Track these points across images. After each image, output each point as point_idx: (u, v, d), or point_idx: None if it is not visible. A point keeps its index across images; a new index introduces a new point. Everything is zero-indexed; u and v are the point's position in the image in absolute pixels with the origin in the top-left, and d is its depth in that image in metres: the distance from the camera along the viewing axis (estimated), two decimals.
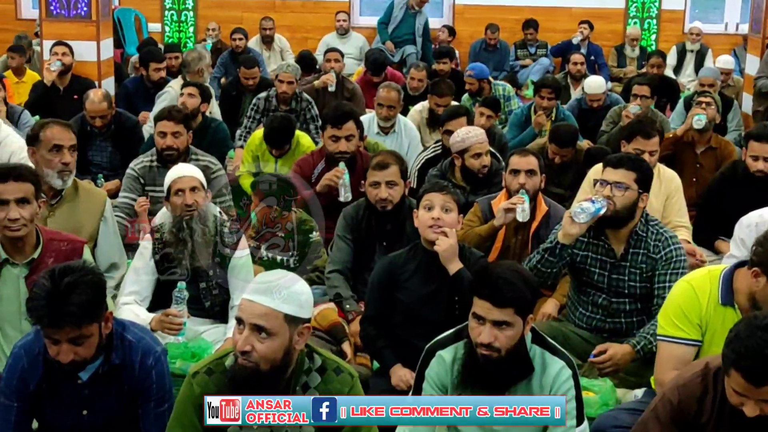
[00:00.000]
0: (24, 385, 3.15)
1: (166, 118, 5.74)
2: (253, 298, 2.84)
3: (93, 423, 3.20)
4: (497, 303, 3.07)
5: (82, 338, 3.00)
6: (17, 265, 3.96)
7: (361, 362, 4.37)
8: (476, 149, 5.58)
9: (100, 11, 8.95)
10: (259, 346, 2.81)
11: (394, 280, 4.09)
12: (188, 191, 4.44)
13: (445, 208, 4.02)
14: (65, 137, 4.79)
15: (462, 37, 12.72)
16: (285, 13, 12.61)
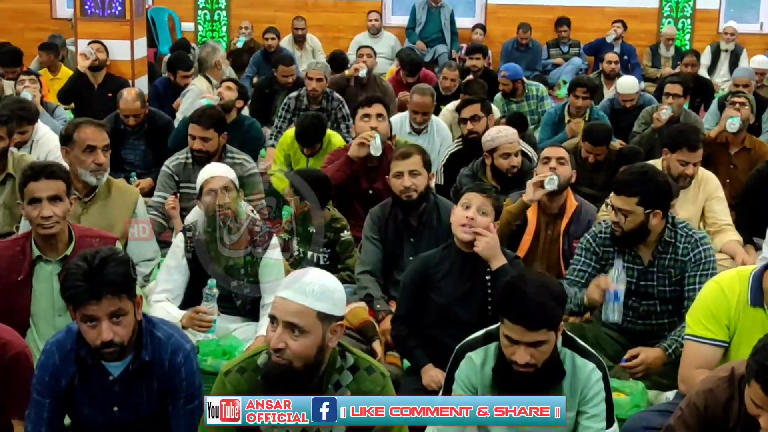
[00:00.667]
0: (56, 382, 3.17)
1: (196, 122, 5.76)
2: (286, 295, 2.84)
3: (124, 419, 3.22)
4: (530, 327, 3.04)
5: (121, 313, 3.02)
6: (50, 262, 4.01)
7: (391, 361, 4.37)
8: (505, 149, 5.56)
9: (134, 10, 9.02)
10: (292, 344, 2.82)
11: (427, 279, 4.08)
12: (220, 191, 4.46)
13: (481, 210, 4.00)
14: (98, 138, 4.83)
15: (494, 36, 12.70)
16: (317, 13, 12.64)
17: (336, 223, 5.20)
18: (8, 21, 12.74)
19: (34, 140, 6.37)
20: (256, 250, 4.51)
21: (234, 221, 4.47)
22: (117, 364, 3.17)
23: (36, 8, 12.93)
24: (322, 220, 5.04)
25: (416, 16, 12.51)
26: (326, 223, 5.17)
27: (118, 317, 3.02)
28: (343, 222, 5.23)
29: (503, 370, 3.17)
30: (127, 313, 3.05)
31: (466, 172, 5.81)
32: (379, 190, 5.70)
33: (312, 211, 5.00)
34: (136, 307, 3.12)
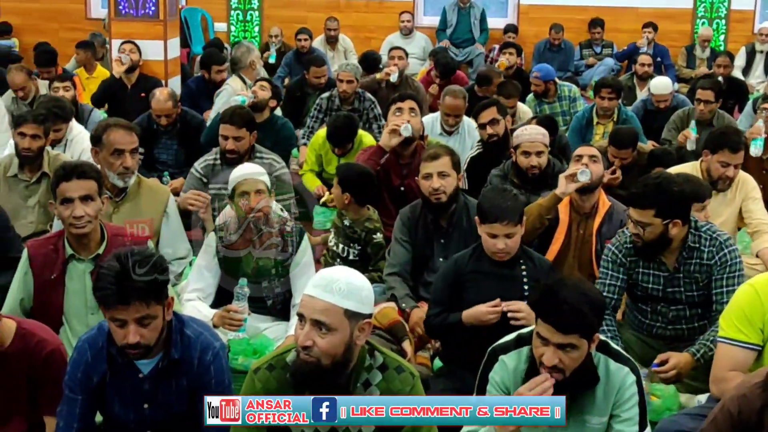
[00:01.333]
0: (88, 379, 3.20)
1: (228, 121, 5.78)
2: (313, 293, 2.85)
3: (155, 417, 3.24)
4: (562, 329, 3.03)
5: (149, 318, 3.04)
6: (83, 261, 4.04)
7: (421, 362, 4.37)
8: (525, 147, 5.52)
9: (167, 11, 9.09)
10: (319, 341, 2.82)
11: (460, 280, 4.08)
12: (253, 194, 4.48)
13: (508, 236, 3.98)
14: (127, 141, 4.86)
15: (526, 36, 12.66)
16: (349, 13, 12.66)
17: (370, 223, 5.20)
18: (43, 21, 12.87)
19: (68, 139, 6.44)
20: (287, 251, 4.53)
21: (265, 223, 4.49)
22: (147, 362, 3.19)
23: (71, 8, 13.05)
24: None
25: (447, 18, 12.52)
26: (361, 221, 5.18)
27: (145, 321, 3.05)
28: (377, 224, 5.23)
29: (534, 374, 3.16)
30: (155, 317, 3.07)
31: (497, 172, 5.79)
32: (410, 187, 5.71)
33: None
34: (167, 308, 3.14)
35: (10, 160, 5.68)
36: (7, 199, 5.51)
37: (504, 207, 3.96)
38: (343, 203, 5.16)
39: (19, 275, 4.08)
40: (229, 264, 4.51)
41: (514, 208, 4.00)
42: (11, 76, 7.76)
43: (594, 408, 3.22)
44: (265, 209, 4.48)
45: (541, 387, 3.05)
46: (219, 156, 5.83)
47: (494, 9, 13.19)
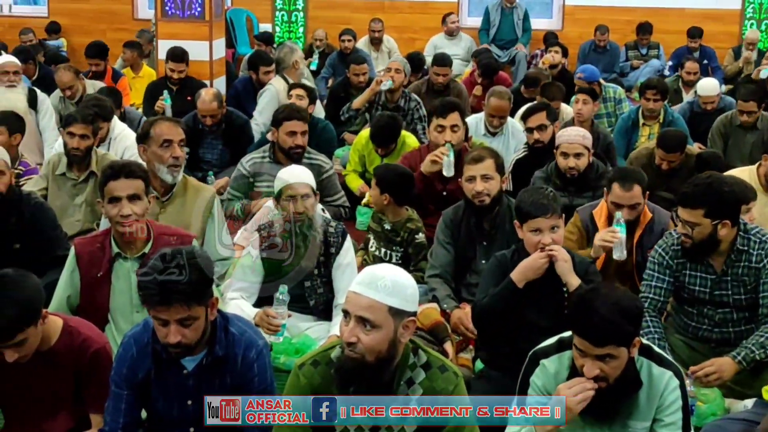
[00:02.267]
0: (133, 374, 3.24)
1: (296, 118, 5.80)
2: (358, 290, 2.86)
3: (198, 413, 3.25)
4: (595, 342, 3.02)
5: (190, 320, 3.07)
6: (129, 259, 4.08)
7: (462, 363, 4.36)
8: (564, 148, 5.52)
9: (213, 12, 9.15)
10: (364, 338, 2.83)
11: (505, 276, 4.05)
12: (299, 198, 4.49)
13: (552, 230, 3.95)
14: (174, 132, 4.90)
15: (571, 38, 12.57)
16: (393, 14, 12.67)
17: (411, 224, 5.20)
18: (91, 22, 13.03)
19: (112, 137, 6.51)
20: (330, 251, 4.54)
21: (309, 228, 4.50)
22: (191, 359, 3.22)
23: (118, 9, 13.20)
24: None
25: (490, 18, 12.48)
26: (402, 222, 5.18)
27: (186, 322, 3.07)
28: (418, 224, 5.22)
29: None
30: (196, 318, 3.09)
31: (540, 174, 5.77)
32: (453, 192, 5.69)
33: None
34: (210, 308, 3.16)
35: (59, 159, 5.75)
36: (55, 197, 5.59)
37: (543, 201, 3.94)
38: (382, 204, 5.16)
39: (66, 273, 4.13)
40: (272, 264, 4.53)
41: (553, 201, 3.98)
42: (59, 75, 7.87)
43: (637, 413, 3.19)
44: (309, 213, 4.49)
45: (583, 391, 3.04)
46: (268, 153, 5.85)
47: (538, 10, 13.14)
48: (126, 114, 7.48)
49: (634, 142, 7.56)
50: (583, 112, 7.05)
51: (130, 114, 7.57)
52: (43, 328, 3.28)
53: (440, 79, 8.75)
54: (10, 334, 3.14)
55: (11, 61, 7.51)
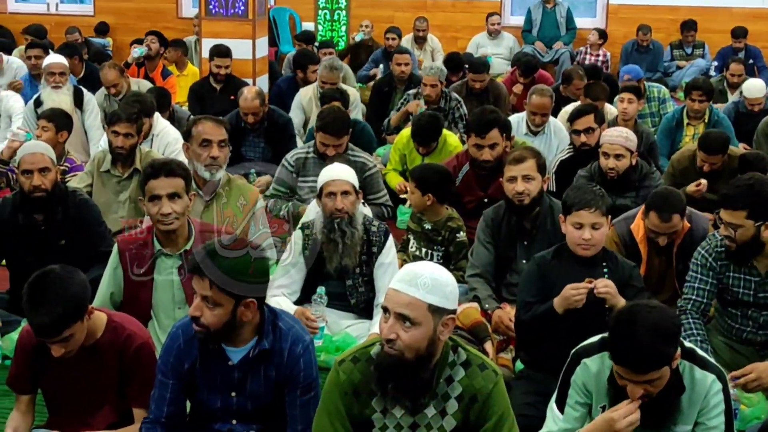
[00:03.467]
0: (179, 364, 3.27)
1: (330, 133, 5.80)
2: (398, 287, 2.86)
3: (241, 406, 3.29)
4: (638, 371, 3.00)
5: (211, 301, 3.09)
6: (171, 256, 4.12)
7: (503, 363, 4.35)
8: (605, 148, 5.50)
9: (256, 10, 9.19)
10: (403, 335, 2.83)
11: (543, 279, 4.05)
12: (339, 195, 4.51)
13: (594, 226, 3.93)
14: (215, 132, 4.94)
15: (615, 37, 12.49)
16: (436, 13, 12.65)
17: (452, 223, 5.19)
18: (136, 20, 13.16)
19: (154, 134, 6.57)
20: (372, 250, 4.55)
21: (349, 225, 4.51)
22: (237, 351, 3.24)
23: (162, 8, 13.32)
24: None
25: (531, 17, 12.43)
26: (442, 221, 5.18)
27: (209, 301, 3.09)
28: (459, 222, 5.22)
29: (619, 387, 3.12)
30: (218, 303, 3.10)
31: (583, 173, 5.75)
32: (494, 196, 5.64)
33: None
34: (244, 307, 3.14)
35: (103, 156, 5.82)
36: (100, 194, 5.65)
37: (588, 196, 3.92)
38: (425, 205, 5.14)
39: (109, 269, 4.18)
40: (316, 265, 4.54)
41: (600, 198, 3.96)
42: (104, 73, 7.95)
43: (680, 417, 3.17)
44: (349, 210, 4.50)
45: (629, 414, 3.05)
46: (312, 149, 5.88)
47: (582, 9, 13.05)
48: (175, 113, 7.54)
49: (678, 142, 7.50)
50: (628, 110, 7.02)
51: (178, 113, 7.64)
52: (88, 323, 3.32)
53: (477, 86, 8.73)
54: (58, 330, 3.18)
55: (57, 62, 7.58)
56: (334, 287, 4.54)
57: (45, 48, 9.14)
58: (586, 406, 3.27)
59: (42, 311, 3.15)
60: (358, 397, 3.00)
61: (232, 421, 3.31)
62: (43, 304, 3.16)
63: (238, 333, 3.19)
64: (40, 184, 4.68)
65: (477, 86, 8.71)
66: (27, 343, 3.42)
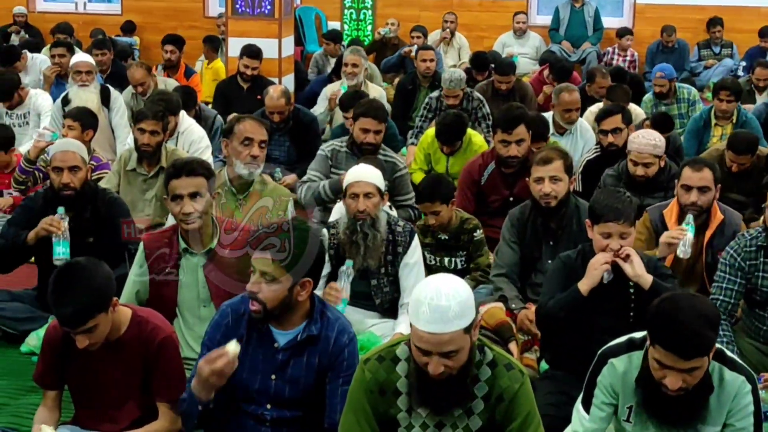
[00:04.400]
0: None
1: (372, 116, 5.81)
2: (433, 329, 2.81)
3: (278, 390, 3.31)
4: (684, 356, 2.95)
5: (269, 277, 3.15)
6: (196, 255, 4.13)
7: (527, 363, 4.34)
8: (634, 156, 5.44)
9: (282, 9, 9.21)
10: (451, 363, 2.85)
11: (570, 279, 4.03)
12: (362, 197, 4.50)
13: (622, 236, 3.89)
14: (257, 132, 4.98)
15: (642, 37, 12.42)
16: (462, 12, 12.61)
17: (468, 224, 5.19)
18: (163, 19, 13.22)
19: (180, 132, 6.60)
20: (397, 251, 4.54)
21: (371, 227, 4.50)
22: (285, 334, 3.28)
23: (189, 7, 13.38)
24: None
25: (559, 16, 12.39)
26: (457, 227, 5.17)
27: (267, 276, 3.15)
28: (474, 221, 5.22)
29: (648, 384, 3.11)
30: (277, 280, 3.16)
31: (611, 172, 5.72)
32: (519, 195, 5.64)
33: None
34: (300, 287, 3.21)
35: (129, 154, 5.85)
36: (126, 192, 5.69)
37: (618, 206, 3.87)
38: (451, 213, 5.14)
39: (135, 268, 4.19)
40: (339, 261, 4.55)
41: (629, 207, 3.91)
42: (131, 72, 8.00)
43: (708, 417, 3.14)
44: (371, 213, 4.49)
45: None
46: (346, 144, 5.87)
47: (609, 9, 12.99)
48: (201, 111, 7.57)
49: (706, 143, 7.45)
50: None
51: (204, 112, 7.66)
52: (113, 316, 3.34)
53: (503, 87, 8.71)
54: (82, 320, 3.21)
55: (84, 61, 7.61)
56: (359, 286, 4.54)
57: (69, 47, 9.20)
58: (612, 406, 3.26)
59: (67, 301, 3.19)
60: (384, 396, 3.01)
61: (267, 405, 3.34)
62: (69, 294, 3.20)
63: (290, 315, 3.25)
64: (69, 182, 4.71)
65: (503, 87, 8.69)
66: (54, 339, 3.45)
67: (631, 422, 3.23)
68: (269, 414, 3.34)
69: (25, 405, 4.18)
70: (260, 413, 3.35)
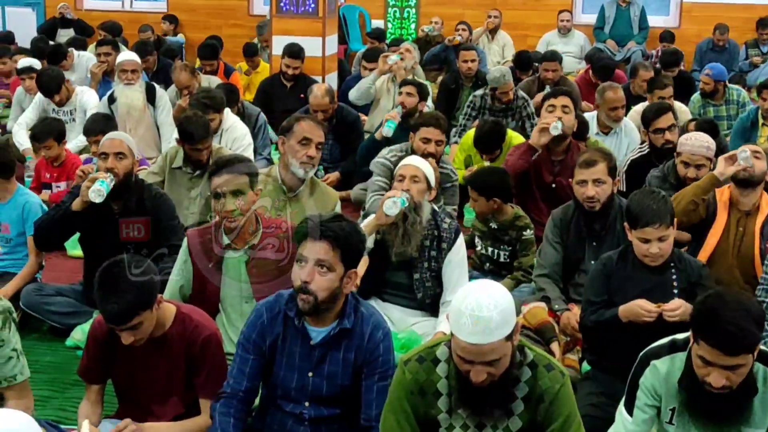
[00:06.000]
0: (262, 340, 3.33)
1: (433, 125, 5.77)
2: (476, 341, 2.81)
3: (316, 387, 3.33)
4: (729, 352, 2.92)
5: (326, 265, 3.17)
6: (239, 251, 4.15)
7: (569, 364, 4.32)
8: (686, 158, 5.33)
9: (326, 8, 9.23)
10: (493, 370, 2.86)
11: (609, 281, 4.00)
12: (408, 178, 4.52)
13: (660, 238, 3.86)
14: (315, 133, 5.00)
15: (688, 36, 12.29)
16: (506, 10, 12.56)
17: (519, 222, 5.19)
18: (208, 17, 13.33)
19: (224, 129, 6.63)
20: (442, 247, 4.54)
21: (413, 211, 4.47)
22: (320, 330, 3.30)
23: (234, 5, 13.45)
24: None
25: (605, 15, 12.30)
26: (509, 220, 5.17)
27: (323, 268, 3.17)
28: (526, 220, 5.21)
29: (691, 385, 3.08)
30: (332, 268, 3.18)
31: (657, 173, 5.65)
32: (561, 184, 5.68)
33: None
34: (348, 278, 3.24)
35: (175, 152, 5.88)
36: (171, 190, 5.71)
37: (654, 210, 3.83)
38: (492, 209, 5.15)
39: (179, 263, 4.23)
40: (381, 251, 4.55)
41: (665, 210, 3.86)
42: (176, 74, 8.03)
43: (751, 419, 3.11)
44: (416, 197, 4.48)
45: None
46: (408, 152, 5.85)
47: (655, 7, 12.87)
48: (244, 109, 7.61)
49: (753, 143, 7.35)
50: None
51: (248, 109, 7.70)
52: (157, 313, 3.37)
53: (550, 75, 8.67)
54: (127, 318, 3.24)
55: (130, 60, 7.69)
56: (401, 278, 4.56)
57: (114, 45, 9.30)
58: (654, 408, 3.23)
59: (113, 298, 3.22)
60: (424, 397, 3.01)
61: (305, 403, 3.36)
62: (114, 291, 3.23)
63: (328, 310, 3.26)
64: (114, 167, 4.74)
65: (550, 76, 8.65)
66: (99, 335, 3.49)
67: (674, 424, 3.21)
68: (308, 412, 3.36)
69: (70, 398, 4.24)
70: (299, 412, 3.37)
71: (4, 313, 3.43)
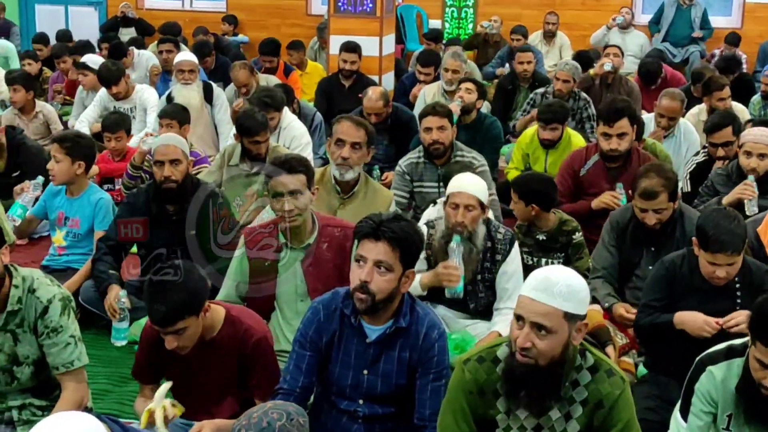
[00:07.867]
0: (318, 337, 3.34)
1: (430, 113, 5.80)
2: (534, 296, 2.82)
3: (371, 385, 3.34)
4: None
5: (385, 265, 3.18)
6: (295, 249, 4.17)
7: (624, 367, 4.28)
8: (748, 147, 5.29)
9: (384, 7, 9.25)
10: (539, 343, 2.81)
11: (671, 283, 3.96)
12: (462, 208, 4.42)
13: (729, 263, 3.80)
14: (350, 133, 4.99)
15: (751, 36, 12.07)
16: (564, 11, 12.46)
17: (566, 226, 5.11)
18: (267, 16, 13.41)
19: (282, 127, 6.67)
20: (496, 258, 4.51)
21: (467, 241, 4.45)
22: (375, 329, 3.31)
23: (292, 5, 13.52)
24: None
25: (663, 13, 12.10)
26: (555, 228, 5.11)
27: (381, 266, 3.17)
28: (573, 224, 5.14)
29: (749, 391, 3.03)
30: (391, 268, 3.19)
31: (720, 171, 5.59)
32: None
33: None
34: (406, 278, 3.25)
35: (233, 149, 5.93)
36: (228, 186, 5.75)
37: (728, 238, 3.75)
38: (530, 215, 5.07)
39: (235, 261, 4.26)
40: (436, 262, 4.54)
41: (739, 236, 3.79)
42: (234, 73, 8.09)
43: None
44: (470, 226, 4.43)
45: None
46: (422, 153, 5.86)
47: (717, 7, 12.66)
48: (301, 108, 7.65)
49: None
50: None
51: (304, 109, 7.74)
52: (204, 320, 3.39)
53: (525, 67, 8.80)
54: (173, 320, 3.27)
55: (187, 60, 7.77)
56: None
57: (176, 43, 9.40)
58: (710, 414, 3.20)
59: (160, 300, 3.26)
60: (483, 397, 3.00)
61: (359, 401, 3.38)
62: (163, 293, 3.26)
63: (385, 309, 3.27)
64: (170, 175, 4.82)
65: (525, 68, 8.78)
66: (151, 336, 3.51)
67: (731, 431, 3.16)
68: (362, 410, 3.37)
69: (127, 392, 4.30)
70: (353, 409, 3.38)
71: (63, 300, 3.49)
